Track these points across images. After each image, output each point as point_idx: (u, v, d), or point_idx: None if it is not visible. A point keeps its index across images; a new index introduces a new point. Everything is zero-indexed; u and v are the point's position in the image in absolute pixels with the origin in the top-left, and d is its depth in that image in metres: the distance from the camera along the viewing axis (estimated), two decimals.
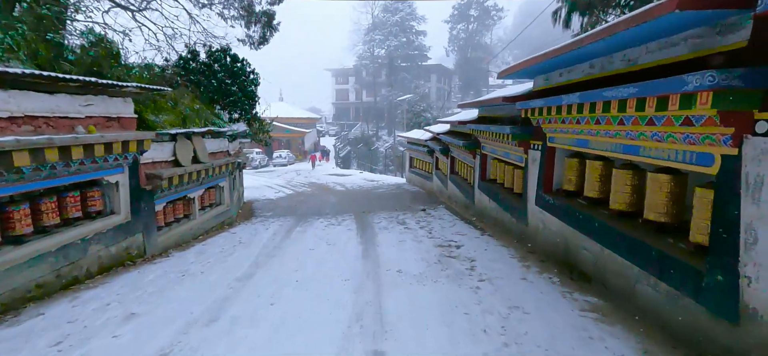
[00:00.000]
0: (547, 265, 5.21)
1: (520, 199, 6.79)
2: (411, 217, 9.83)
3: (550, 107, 4.75)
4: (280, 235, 8.08)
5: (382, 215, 10.41)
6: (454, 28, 50.23)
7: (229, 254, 6.51)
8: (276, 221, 10.08)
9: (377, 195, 15.49)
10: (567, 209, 4.88)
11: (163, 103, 7.94)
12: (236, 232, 8.48)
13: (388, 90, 46.91)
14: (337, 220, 9.85)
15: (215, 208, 9.03)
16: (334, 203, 13.49)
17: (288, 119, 41.49)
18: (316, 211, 11.78)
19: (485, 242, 6.77)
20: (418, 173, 18.56)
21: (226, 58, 10.83)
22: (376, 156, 37.40)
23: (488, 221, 8.31)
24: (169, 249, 6.85)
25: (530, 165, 6.11)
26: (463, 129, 10.27)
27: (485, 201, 8.57)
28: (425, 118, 24.47)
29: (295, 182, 23.29)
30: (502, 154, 7.58)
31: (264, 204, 14.16)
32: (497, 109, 7.59)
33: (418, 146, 17.98)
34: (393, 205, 12.40)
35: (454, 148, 11.73)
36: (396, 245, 6.80)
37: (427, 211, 10.85)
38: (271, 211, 12.27)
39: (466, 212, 10.05)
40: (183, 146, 7.26)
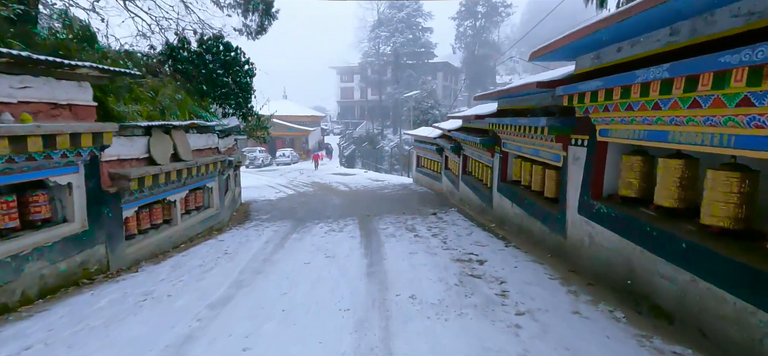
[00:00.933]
0: (599, 292, 4.09)
1: (554, 205, 5.67)
2: (421, 222, 8.74)
3: (610, 89, 3.63)
4: (273, 243, 7.03)
5: (389, 219, 9.33)
6: (461, 25, 48.90)
7: (208, 269, 5.46)
8: (272, 225, 9.04)
9: (383, 196, 14.41)
10: (630, 221, 3.76)
11: (141, 92, 6.92)
12: (225, 239, 7.44)
13: (393, 88, 45.73)
14: (339, 225, 8.79)
15: (202, 212, 8.00)
16: (336, 205, 12.44)
17: (291, 117, 40.54)
18: (317, 214, 10.73)
19: (512, 256, 5.66)
20: (425, 173, 17.46)
21: (218, 46, 9.79)
22: (381, 155, 36.32)
23: (511, 229, 7.19)
24: (142, 262, 5.82)
25: (571, 165, 5.00)
26: (480, 124, 9.15)
27: (506, 206, 7.46)
28: (433, 115, 23.29)
29: (297, 181, 22.27)
30: (529, 152, 6.46)
31: (262, 206, 13.13)
32: (524, 99, 6.47)
33: (426, 144, 16.87)
34: (400, 208, 11.32)
35: (467, 146, 10.61)
36: (406, 259, 5.71)
37: (439, 215, 9.75)
38: (269, 213, 11.24)
39: (482, 218, 8.93)
40: (159, 142, 6.22)
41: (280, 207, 12.58)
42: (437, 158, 15.99)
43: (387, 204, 12.19)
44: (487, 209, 8.83)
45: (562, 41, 4.28)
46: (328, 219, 9.66)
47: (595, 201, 4.40)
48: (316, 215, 10.58)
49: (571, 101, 4.43)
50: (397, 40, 44.96)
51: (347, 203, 12.97)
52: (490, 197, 8.60)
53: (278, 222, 9.53)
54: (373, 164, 32.23)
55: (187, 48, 9.35)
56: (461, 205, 11.26)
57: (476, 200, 9.77)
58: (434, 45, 47.66)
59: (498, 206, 8.05)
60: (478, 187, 9.68)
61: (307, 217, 10.27)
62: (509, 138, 7.25)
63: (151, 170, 5.80)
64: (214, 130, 8.21)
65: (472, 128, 10.03)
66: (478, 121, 9.04)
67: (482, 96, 8.21)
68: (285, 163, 34.21)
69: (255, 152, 33.86)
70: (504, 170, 7.93)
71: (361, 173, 26.39)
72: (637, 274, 3.66)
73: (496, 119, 7.33)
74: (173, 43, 9.19)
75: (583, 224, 4.66)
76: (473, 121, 9.56)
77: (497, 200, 8.12)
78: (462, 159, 11.75)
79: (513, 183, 7.57)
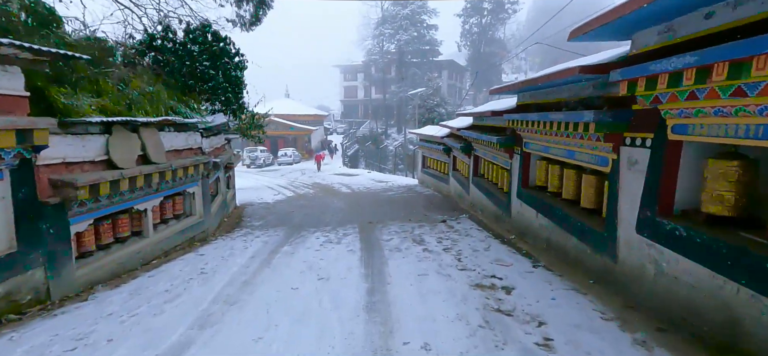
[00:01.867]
0: (678, 343, 3.03)
1: (596, 219, 4.61)
2: (429, 231, 7.69)
3: (706, 67, 2.57)
4: (259, 259, 6.02)
5: (393, 227, 8.29)
6: (466, 23, 47.61)
7: (174, 296, 4.44)
8: (263, 234, 8.03)
9: (386, 199, 13.38)
10: (731, 251, 2.70)
11: (106, 85, 5.92)
12: (205, 253, 6.43)
13: (398, 86, 44.59)
14: (338, 234, 7.76)
15: (182, 220, 7.00)
16: (336, 209, 11.43)
17: (294, 116, 39.59)
18: (315, 220, 9.72)
19: (545, 281, 4.60)
20: (431, 174, 16.40)
21: (205, 36, 8.78)
22: (385, 155, 35.24)
23: (536, 243, 6.12)
24: (98, 286, 4.83)
25: (625, 170, 3.93)
26: (496, 122, 8.08)
27: (529, 216, 6.40)
28: (438, 113, 22.18)
29: (298, 182, 21.31)
30: (560, 153, 5.39)
31: (257, 209, 12.15)
32: (554, 91, 5.40)
33: (432, 143, 15.82)
34: (405, 213, 10.27)
35: (479, 146, 9.55)
36: (415, 283, 4.67)
37: (449, 222, 8.70)
38: (263, 219, 10.24)
39: (498, 227, 7.87)
40: (122, 141, 5.22)
41: (277, 211, 11.58)
42: (444, 159, 14.94)
43: (391, 209, 11.16)
44: (503, 218, 7.76)
45: (620, 10, 3.21)
46: (326, 227, 8.64)
47: (666, 218, 3.33)
48: (314, 221, 9.57)
49: (633, 89, 3.36)
50: (401, 37, 43.81)
51: (348, 207, 11.95)
52: (507, 204, 7.54)
53: (271, 230, 8.52)
54: (377, 164, 31.20)
55: (171, 38, 8.35)
56: (472, 210, 10.20)
57: (490, 207, 8.71)
58: (439, 42, 46.47)
59: (518, 214, 6.98)
60: (492, 192, 8.61)
61: (303, 224, 9.26)
62: (533, 137, 6.18)
63: (109, 174, 4.80)
64: (196, 128, 7.21)
65: (486, 126, 8.96)
66: (494, 118, 7.97)
67: (499, 89, 7.15)
68: (287, 163, 33.25)
69: (256, 152, 32.96)
70: (525, 174, 6.86)
71: (364, 173, 25.37)
72: (743, 327, 2.60)
73: (518, 116, 6.26)
74: (153, 32, 8.18)
75: (644, 247, 3.59)
76: (488, 118, 8.49)
77: (517, 207, 7.05)
78: (473, 160, 10.69)
79: (537, 189, 6.49)
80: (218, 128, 8.33)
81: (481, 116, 9.34)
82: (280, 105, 41.25)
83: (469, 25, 47.97)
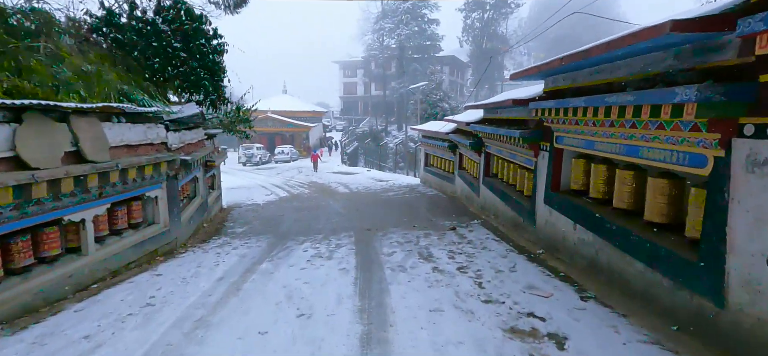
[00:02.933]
0: None
1: (680, 242, 3.33)
2: (438, 243, 6.42)
3: None
4: (229, 281, 4.74)
5: (395, 236, 7.02)
6: (468, 17, 46.12)
7: (91, 349, 3.17)
8: (242, 244, 6.76)
9: (387, 201, 12.10)
10: None
11: (38, 65, 4.63)
12: (164, 273, 5.15)
13: (398, 82, 43.17)
14: (330, 245, 6.49)
15: (141, 231, 5.72)
16: (331, 213, 10.15)
17: (291, 113, 38.26)
18: (306, 226, 8.44)
19: (607, 326, 3.31)
20: (435, 173, 15.12)
21: (179, 13, 7.46)
22: (385, 152, 33.92)
23: (574, 262, 4.83)
24: None
25: (741, 174, 2.63)
26: (516, 113, 6.80)
27: (563, 226, 5.12)
28: (442, 108, 20.85)
29: (293, 181, 20.02)
30: (614, 150, 4.10)
31: (243, 213, 10.88)
32: (609, 68, 4.09)
33: (436, 140, 14.54)
34: (408, 217, 8.99)
35: (493, 141, 8.27)
36: (427, 326, 3.39)
37: (459, 229, 7.43)
38: (247, 225, 8.97)
39: (518, 236, 6.59)
40: (39, 133, 3.93)
41: (265, 215, 10.31)
42: (449, 157, 13.66)
43: (392, 212, 9.88)
44: (524, 226, 6.49)
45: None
46: (318, 236, 7.37)
47: None
48: (304, 227, 8.29)
49: None
50: (402, 31, 42.34)
51: (345, 209, 10.68)
52: (530, 210, 6.26)
53: (253, 239, 7.25)
54: (377, 163, 29.89)
55: (134, 15, 7.03)
56: (483, 215, 8.92)
57: (507, 212, 7.43)
58: (441, 37, 44.99)
59: (546, 224, 5.70)
60: (510, 195, 7.33)
61: (292, 231, 7.98)
62: (570, 130, 4.90)
63: (12, 177, 3.52)
64: (159, 120, 5.91)
65: (503, 119, 7.67)
66: (515, 109, 6.68)
67: (523, 73, 5.84)
68: (284, 160, 31.93)
69: (252, 150, 31.65)
70: (556, 175, 5.57)
71: (364, 171, 24.06)
72: None
73: (551, 103, 4.96)
74: (112, 7, 6.87)
75: None
76: (506, 109, 7.20)
77: (544, 215, 5.77)
78: (484, 158, 9.41)
79: (573, 194, 5.21)
80: (192, 120, 7.04)
81: (495, 108, 8.04)
82: (277, 101, 39.95)
83: (470, 20, 46.51)
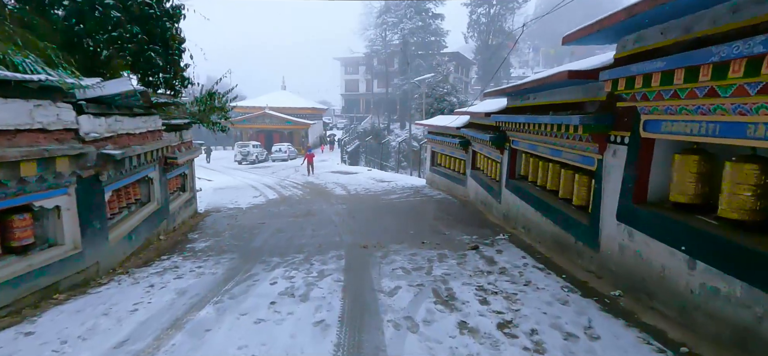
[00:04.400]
0: None
1: None
2: (459, 270, 4.56)
3: None
4: (129, 351, 2.91)
5: (399, 258, 5.16)
6: (474, 12, 44.12)
7: None
8: (191, 271, 4.93)
9: (389, 206, 10.24)
10: None
11: None
12: (37, 332, 3.30)
13: (401, 79, 41.22)
14: (310, 273, 4.65)
15: (27, 258, 3.88)
16: (322, 221, 8.29)
17: (290, 110, 36.41)
18: (285, 240, 6.59)
19: None
20: (443, 174, 13.27)
21: None
22: (387, 151, 32.04)
23: (697, 324, 2.97)
24: None
25: None
26: (565, 95, 4.93)
27: (660, 258, 3.25)
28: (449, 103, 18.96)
29: (287, 181, 18.19)
30: None
31: (218, 220, 9.06)
32: None
33: (444, 137, 12.67)
34: (415, 228, 7.13)
35: (521, 135, 6.41)
36: None
37: (483, 250, 5.57)
38: (215, 237, 7.14)
39: (569, 263, 4.71)
40: None
41: (243, 223, 8.48)
42: (460, 155, 11.80)
43: (395, 221, 8.02)
44: (579, 250, 4.62)
45: None
46: (297, 256, 5.52)
47: None
48: (284, 243, 6.44)
49: None
50: (405, 25, 40.34)
51: (339, 216, 8.82)
52: (590, 228, 4.39)
53: (210, 261, 5.42)
54: (378, 162, 28.02)
55: None
56: (507, 226, 7.05)
57: (546, 227, 5.56)
58: (446, 32, 42.93)
59: (621, 251, 3.82)
60: (550, 205, 5.46)
61: (266, 248, 6.15)
62: (673, 109, 3.03)
63: None
64: (59, 95, 4.05)
65: (540, 105, 5.79)
66: (567, 87, 4.79)
67: (587, 29, 3.97)
68: (281, 159, 30.05)
69: (248, 147, 29.84)
70: (641, 179, 3.69)
71: (365, 171, 22.18)
72: None
73: (644, 68, 3.08)
74: None
75: None
76: (549, 89, 5.32)
77: (616, 236, 3.89)
78: (508, 156, 7.53)
79: (679, 210, 3.33)
80: (128, 101, 5.19)
81: (528, 90, 6.16)
82: (275, 97, 38.16)
83: (476, 15, 44.44)
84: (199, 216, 9.83)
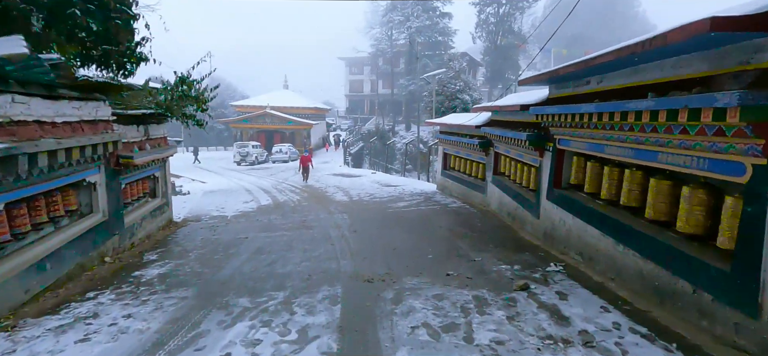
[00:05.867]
0: None
1: None
2: (520, 339, 2.86)
3: None
4: None
5: (420, 305, 3.46)
6: (482, 12, 42.40)
7: None
8: (113, 325, 3.26)
9: (397, 217, 8.51)
10: None
11: None
12: None
13: (407, 79, 39.50)
14: (288, 330, 2.99)
15: None
16: (315, 239, 6.57)
17: (292, 109, 34.82)
18: (265, 268, 4.87)
19: None
20: (457, 179, 11.57)
21: None
22: (392, 153, 30.34)
23: None
24: None
25: None
26: (671, 69, 3.23)
27: None
28: (461, 100, 17.28)
29: (284, 185, 16.54)
30: None
31: (193, 232, 7.45)
32: None
33: (460, 136, 10.98)
34: (434, 250, 5.41)
35: (570, 133, 4.68)
36: None
37: (535, 290, 3.86)
38: (180, 258, 5.49)
39: (682, 321, 2.99)
40: None
41: (220, 238, 6.82)
42: (479, 158, 10.11)
43: (406, 238, 6.30)
44: (706, 308, 2.91)
45: None
46: (274, 299, 3.83)
47: None
48: (263, 271, 4.76)
49: None
50: (412, 24, 38.68)
51: (337, 231, 7.11)
52: (730, 279, 2.67)
53: (151, 303, 3.76)
54: (383, 164, 26.33)
55: None
56: (555, 249, 5.32)
57: (629, 262, 3.84)
58: (454, 31, 41.17)
59: None
60: (632, 229, 3.74)
61: (235, 281, 4.45)
62: None
63: None
64: None
65: (618, 89, 4.07)
66: (704, 44, 3.07)
67: None
68: (282, 160, 28.43)
69: (247, 147, 28.31)
70: None
71: (368, 174, 20.47)
72: None
73: None
74: None
75: None
76: (676, 48, 3.59)
77: None
78: (553, 160, 5.81)
79: None
80: (23, 71, 3.54)
81: (590, 72, 4.42)
82: (277, 96, 36.61)
83: (485, 14, 42.64)
84: (172, 227, 8.19)
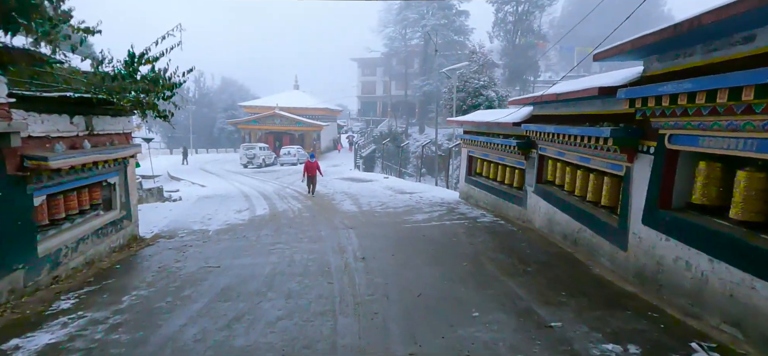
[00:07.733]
0: None
1: None
2: None
3: None
4: None
5: None
6: (500, 10, 40.21)
7: None
8: None
9: (417, 236, 6.56)
10: None
11: None
12: None
13: (421, 80, 37.55)
14: None
15: None
16: (309, 272, 4.68)
17: (302, 110, 33.22)
18: (218, 335, 2.90)
19: None
20: (486, 187, 9.62)
21: None
22: (406, 156, 28.41)
23: None
24: None
25: None
26: None
27: None
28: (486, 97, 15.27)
29: (288, 191, 14.75)
30: None
31: (153, 256, 5.65)
32: None
33: (490, 137, 9.01)
34: (482, 306, 3.35)
35: (706, 126, 2.71)
36: None
37: None
38: (108, 306, 3.62)
39: None
40: None
41: (183, 269, 4.97)
42: (515, 162, 8.15)
43: (434, 277, 4.33)
44: None
45: None
46: None
47: None
48: (213, 341, 2.88)
49: None
50: (427, 22, 36.75)
51: (340, 257, 5.21)
52: None
53: None
54: (396, 168, 24.41)
55: None
56: (672, 306, 3.30)
57: None
58: (471, 30, 39.10)
59: None
60: None
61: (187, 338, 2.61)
62: None
63: None
64: None
65: None
66: None
67: None
68: (290, 163, 26.79)
69: (254, 150, 26.75)
70: None
71: (380, 178, 18.53)
72: None
73: None
74: None
75: None
76: None
77: None
78: (658, 164, 3.83)
79: None
80: None
81: None
82: (287, 97, 35.10)
83: (503, 13, 40.41)
84: (134, 246, 6.43)
